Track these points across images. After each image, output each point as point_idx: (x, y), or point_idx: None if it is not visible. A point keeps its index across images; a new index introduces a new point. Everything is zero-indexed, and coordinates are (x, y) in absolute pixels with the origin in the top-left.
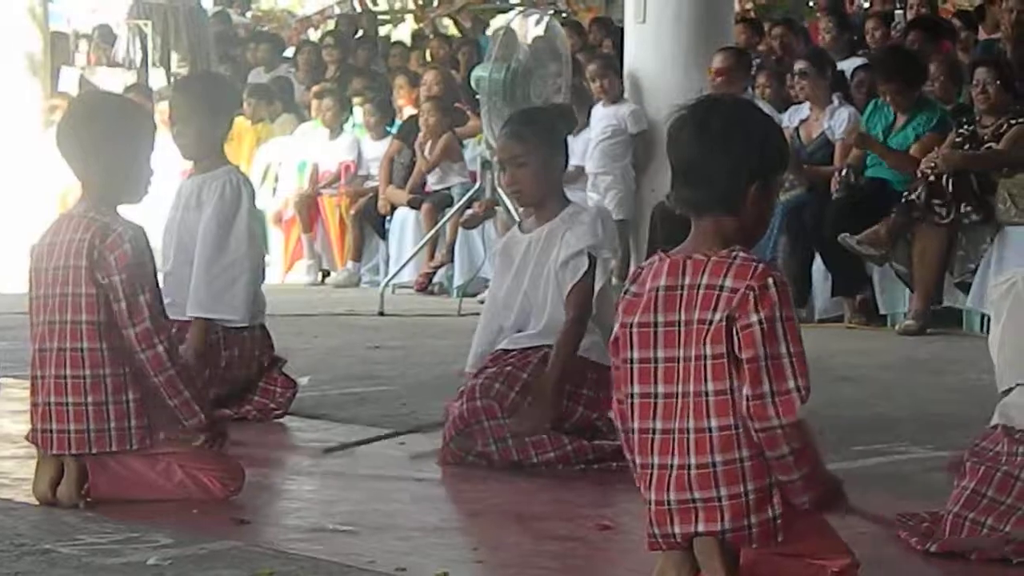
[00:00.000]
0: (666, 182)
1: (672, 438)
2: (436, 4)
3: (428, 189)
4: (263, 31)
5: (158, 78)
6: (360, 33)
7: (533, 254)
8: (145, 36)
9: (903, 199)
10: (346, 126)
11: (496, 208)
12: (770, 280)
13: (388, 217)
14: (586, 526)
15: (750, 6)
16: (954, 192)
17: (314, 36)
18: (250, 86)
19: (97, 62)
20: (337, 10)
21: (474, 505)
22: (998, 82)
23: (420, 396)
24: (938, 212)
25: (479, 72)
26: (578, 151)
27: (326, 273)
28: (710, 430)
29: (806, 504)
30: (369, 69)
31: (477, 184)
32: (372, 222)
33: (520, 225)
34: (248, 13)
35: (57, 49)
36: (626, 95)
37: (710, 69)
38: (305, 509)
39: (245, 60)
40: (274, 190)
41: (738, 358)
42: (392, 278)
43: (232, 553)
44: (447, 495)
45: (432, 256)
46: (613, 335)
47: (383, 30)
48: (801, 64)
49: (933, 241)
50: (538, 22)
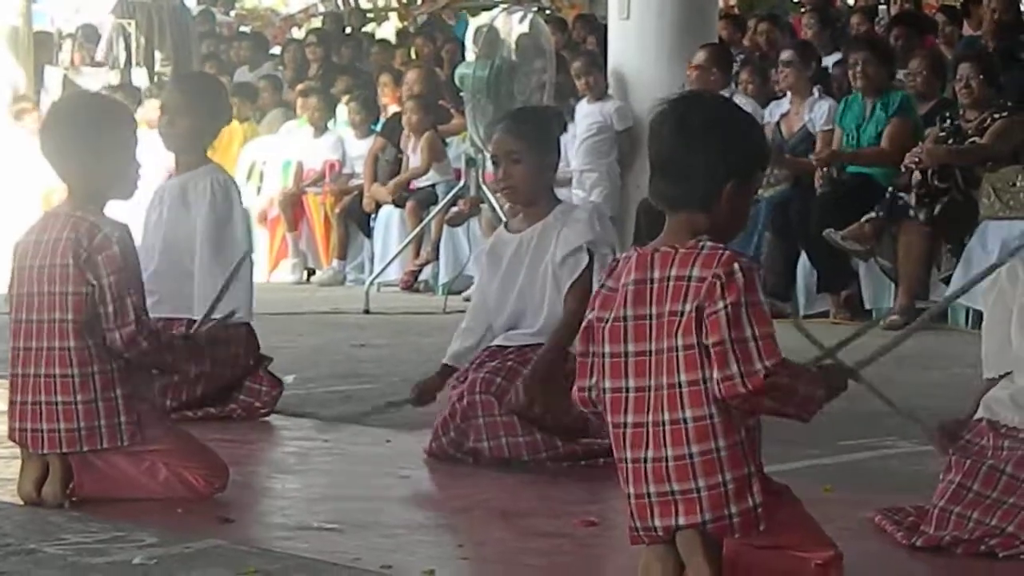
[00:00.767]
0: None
1: (645, 431)
2: (420, 2)
3: (412, 187)
4: (247, 31)
5: (141, 77)
6: (346, 31)
7: (526, 253)
8: (129, 35)
9: (887, 194)
10: (331, 124)
11: (481, 206)
12: (735, 266)
13: (373, 215)
14: (572, 522)
15: (734, 2)
16: (938, 188)
17: (299, 35)
18: (235, 85)
19: (81, 61)
20: (321, 8)
21: (460, 502)
22: (981, 76)
23: (405, 393)
24: (923, 212)
25: (463, 70)
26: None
27: (311, 272)
28: (685, 421)
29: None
30: (353, 67)
31: (462, 182)
32: (357, 220)
33: (506, 225)
34: (232, 12)
35: (41, 48)
36: (610, 91)
37: (689, 65)
38: (290, 507)
39: (229, 59)
40: (259, 189)
41: (707, 346)
42: (377, 276)
43: (217, 552)
44: (433, 492)
45: (417, 254)
46: (586, 324)
47: (367, 28)
48: (787, 54)
49: (917, 237)
50: (522, 19)
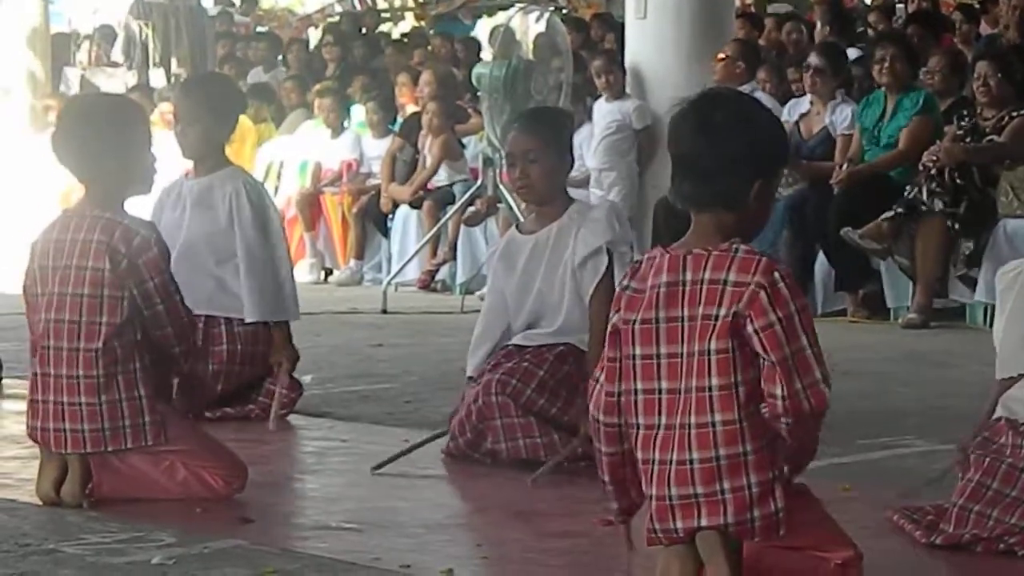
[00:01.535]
0: (668, 178)
1: (674, 434)
2: (436, 1)
3: (430, 187)
4: (263, 31)
5: (159, 78)
6: (362, 31)
7: (544, 254)
8: (146, 36)
9: (905, 193)
10: (347, 124)
11: (498, 205)
12: (777, 275)
13: (390, 215)
14: (590, 522)
15: (750, 0)
16: (956, 186)
17: (315, 34)
18: (251, 86)
19: (98, 62)
20: (338, 8)
21: (478, 502)
22: (999, 75)
23: (424, 393)
24: (941, 210)
25: (480, 69)
26: (576, 149)
27: (328, 272)
28: (713, 424)
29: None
30: (370, 67)
31: (479, 181)
32: (374, 220)
33: (518, 227)
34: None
35: (58, 49)
36: (628, 90)
37: (716, 58)
38: (309, 507)
39: (247, 59)
40: (276, 189)
41: (746, 353)
42: (395, 276)
43: (236, 551)
44: (451, 492)
45: (434, 254)
46: (612, 327)
47: (383, 28)
48: (815, 59)
49: (935, 235)
50: (539, 19)
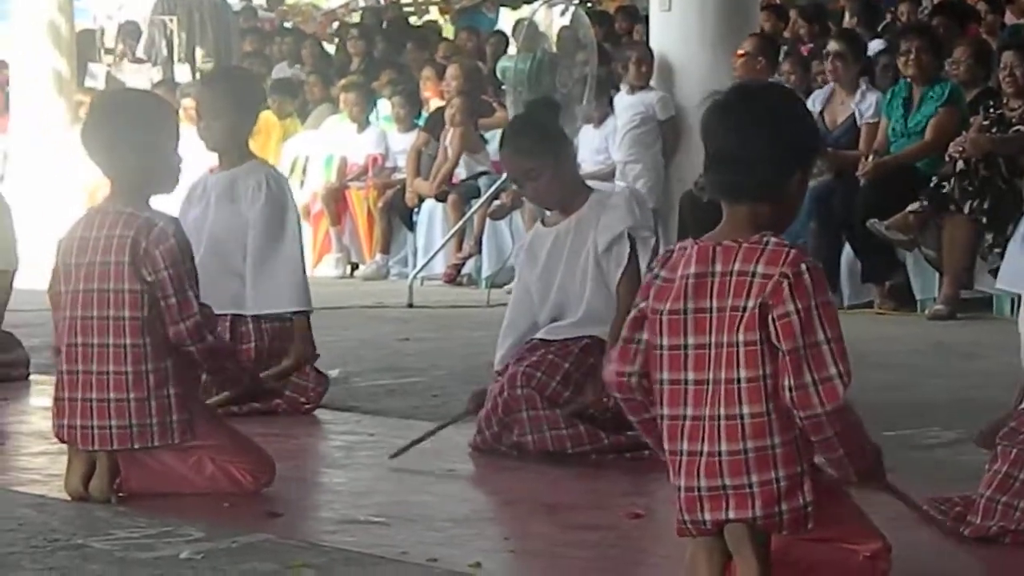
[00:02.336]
0: (693, 170)
1: (702, 424)
2: None
3: (455, 180)
4: (288, 26)
5: (183, 73)
6: (385, 25)
7: (564, 245)
8: (171, 32)
9: (931, 184)
10: (372, 119)
11: (523, 199)
12: (803, 266)
13: (416, 209)
14: (617, 515)
15: None
16: (982, 177)
17: (335, 30)
18: (275, 81)
19: (123, 58)
20: (362, 3)
21: (505, 495)
22: None
23: (450, 387)
24: (967, 201)
25: (504, 63)
26: (601, 143)
27: (355, 266)
28: (742, 417)
29: (853, 479)
30: (396, 61)
31: (504, 175)
32: (400, 214)
33: (543, 220)
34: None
35: (83, 45)
36: (652, 82)
37: (736, 54)
38: (337, 501)
39: (273, 54)
40: (302, 183)
41: (774, 345)
42: (420, 270)
43: (265, 546)
44: (478, 485)
45: (460, 247)
46: (637, 312)
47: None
48: (834, 45)
49: (962, 226)
50: (563, 12)
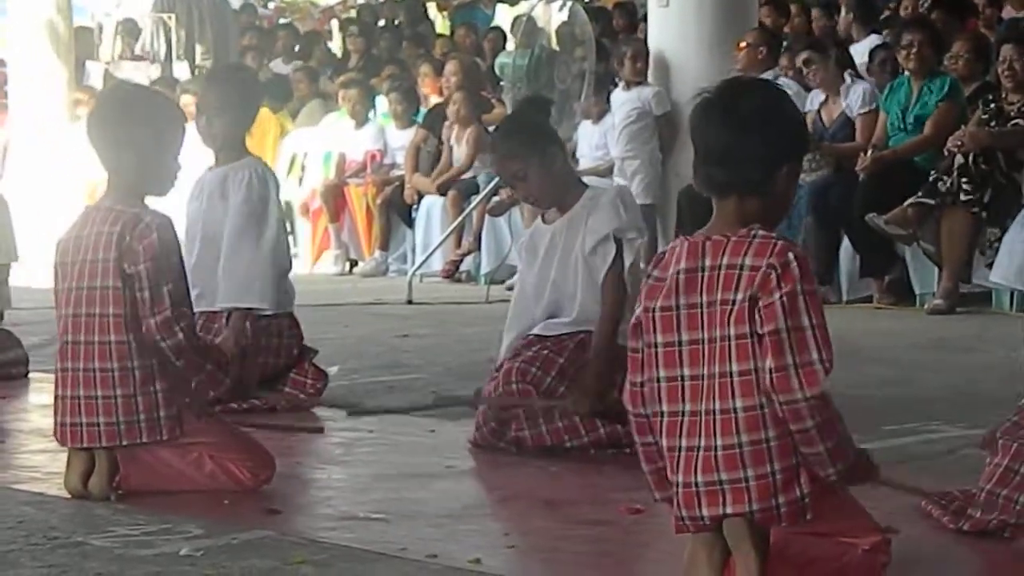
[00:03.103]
0: (691, 166)
1: (699, 420)
2: None
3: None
4: (286, 23)
5: (182, 71)
6: (382, 22)
7: (558, 243)
8: (169, 29)
9: (929, 178)
10: (371, 115)
11: None
12: (790, 255)
13: (414, 206)
14: (617, 510)
15: None
16: (981, 171)
17: (336, 26)
18: (265, 82)
19: (122, 56)
20: (359, 0)
21: (504, 491)
22: None
23: (449, 384)
24: (966, 195)
25: (503, 59)
26: (600, 139)
27: (353, 263)
28: (735, 411)
29: (833, 476)
30: (394, 58)
31: None
32: (399, 211)
33: (543, 216)
34: (271, 4)
35: (81, 43)
36: (650, 79)
37: (738, 45)
38: (336, 497)
39: (270, 51)
40: (300, 180)
41: (761, 336)
42: (419, 267)
43: (264, 542)
44: (477, 481)
45: (459, 244)
46: (635, 319)
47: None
48: (805, 54)
49: (960, 220)
50: (561, 8)
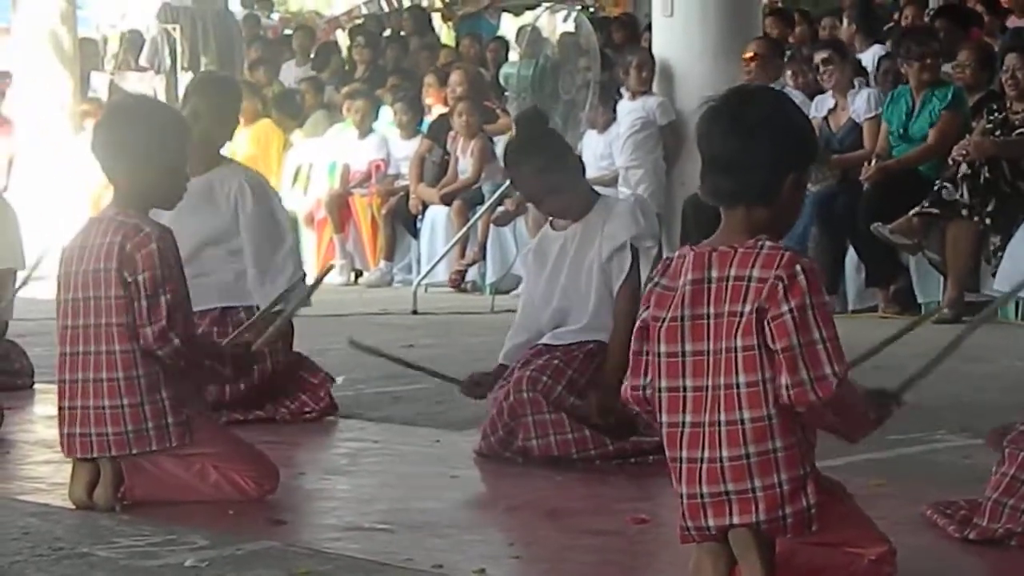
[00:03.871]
0: (696, 175)
1: (702, 431)
2: (463, 0)
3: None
4: (291, 33)
5: (186, 82)
6: (384, 33)
7: (570, 250)
8: (174, 40)
9: (934, 187)
10: (375, 125)
11: (527, 205)
12: (798, 267)
13: (419, 216)
14: (622, 520)
15: None
16: (986, 180)
17: (343, 36)
18: (276, 95)
19: (126, 67)
20: (364, 10)
21: (510, 501)
22: None
23: (454, 394)
24: (971, 205)
25: (507, 69)
26: (605, 149)
27: (359, 273)
28: (743, 422)
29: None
30: (400, 68)
31: (508, 181)
32: (404, 221)
33: (552, 223)
34: (275, 15)
35: (86, 54)
36: (655, 88)
37: (744, 56)
38: (341, 508)
39: (274, 62)
40: (305, 191)
41: (770, 349)
42: (424, 277)
43: (269, 553)
44: (483, 492)
45: (464, 254)
46: (641, 322)
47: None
48: (823, 53)
49: (966, 230)
50: (566, 18)
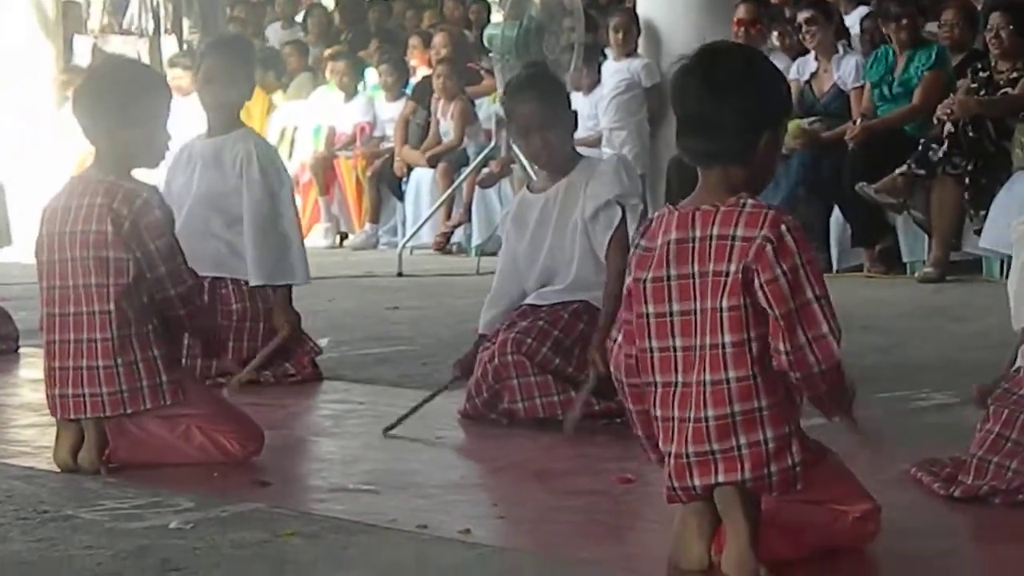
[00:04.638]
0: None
1: (691, 391)
2: None
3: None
4: None
5: (171, 45)
6: None
7: (553, 210)
8: (156, 3)
9: (919, 146)
10: (360, 87)
11: (512, 166)
12: (783, 227)
13: (404, 178)
14: (608, 480)
15: None
16: (970, 139)
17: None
18: (260, 57)
19: (109, 30)
20: None
21: (495, 462)
22: (1011, 27)
23: (440, 356)
24: (956, 164)
25: (491, 30)
26: (590, 110)
27: (344, 236)
28: (728, 381)
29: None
30: (384, 29)
31: (492, 143)
32: (389, 183)
33: (529, 186)
34: None
35: (69, 18)
36: (639, 50)
37: (735, 20)
38: (326, 469)
39: (257, 24)
40: (290, 154)
41: (758, 309)
42: (410, 239)
43: (254, 515)
44: (467, 452)
45: (449, 216)
46: (626, 289)
47: None
48: (807, 13)
49: (950, 189)
50: None
